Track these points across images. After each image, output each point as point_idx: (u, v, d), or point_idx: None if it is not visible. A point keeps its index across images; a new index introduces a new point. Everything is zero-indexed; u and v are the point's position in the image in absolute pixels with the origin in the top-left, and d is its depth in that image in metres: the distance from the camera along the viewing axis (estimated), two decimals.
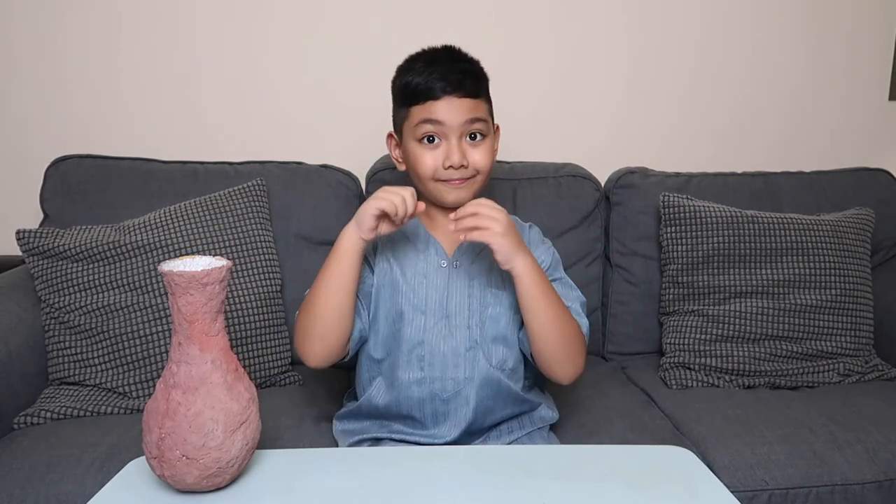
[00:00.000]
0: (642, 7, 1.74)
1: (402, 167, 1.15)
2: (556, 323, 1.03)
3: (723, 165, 1.72)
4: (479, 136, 1.08)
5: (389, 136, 1.17)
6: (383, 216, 0.99)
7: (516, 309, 1.12)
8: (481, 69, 1.12)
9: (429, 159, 1.07)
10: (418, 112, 1.06)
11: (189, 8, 1.63)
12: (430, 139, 1.07)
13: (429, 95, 1.05)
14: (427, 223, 1.16)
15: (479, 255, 1.13)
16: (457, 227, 0.98)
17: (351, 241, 1.00)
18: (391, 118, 1.15)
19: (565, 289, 1.13)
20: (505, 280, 1.12)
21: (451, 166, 1.06)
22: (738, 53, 1.79)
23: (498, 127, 1.16)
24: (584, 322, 1.10)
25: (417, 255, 1.12)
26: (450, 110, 1.05)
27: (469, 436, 1.09)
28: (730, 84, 1.80)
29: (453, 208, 1.03)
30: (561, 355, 1.05)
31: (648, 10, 1.74)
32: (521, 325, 1.11)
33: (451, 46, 1.12)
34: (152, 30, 1.63)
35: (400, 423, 1.10)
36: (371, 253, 1.12)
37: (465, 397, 1.06)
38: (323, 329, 1.02)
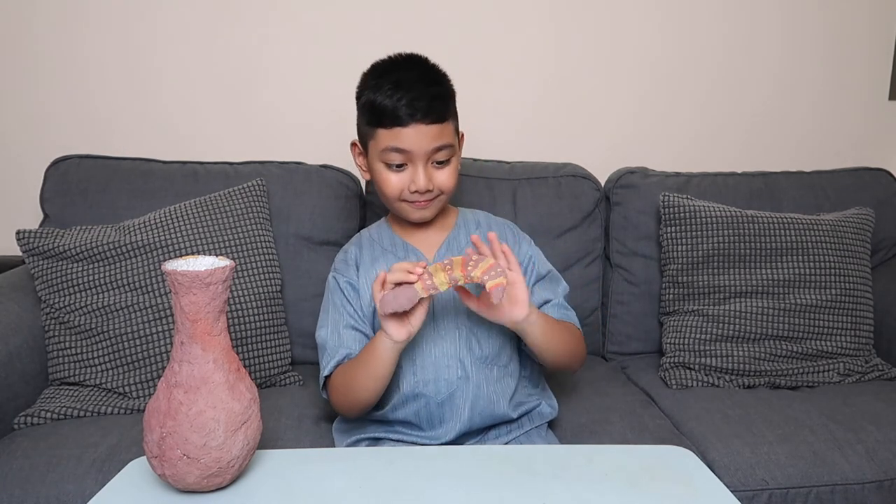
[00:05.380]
0: (642, 9, 1.74)
1: (367, 176, 1.15)
2: (566, 348, 1.09)
3: (723, 165, 1.72)
4: (444, 161, 1.08)
5: (353, 144, 1.16)
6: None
7: None
8: (449, 88, 1.11)
9: (395, 181, 1.08)
10: (385, 137, 1.05)
11: (189, 8, 1.63)
12: (398, 164, 1.07)
13: (396, 121, 1.04)
14: (400, 232, 1.17)
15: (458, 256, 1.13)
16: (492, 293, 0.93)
17: (384, 346, 0.99)
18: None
19: (553, 283, 1.16)
20: None
21: (416, 191, 1.07)
22: (737, 55, 1.79)
23: (462, 135, 1.16)
24: (573, 315, 1.14)
25: (398, 262, 1.12)
26: (418, 138, 1.04)
27: (467, 435, 1.09)
28: (730, 85, 1.80)
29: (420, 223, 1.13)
30: (574, 365, 1.16)
31: (648, 11, 1.74)
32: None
33: (418, 61, 1.10)
34: (152, 30, 1.63)
35: (398, 425, 1.10)
36: (355, 273, 1.13)
37: (460, 398, 1.07)
38: (364, 408, 1.07)
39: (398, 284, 0.93)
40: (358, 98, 1.11)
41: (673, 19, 1.76)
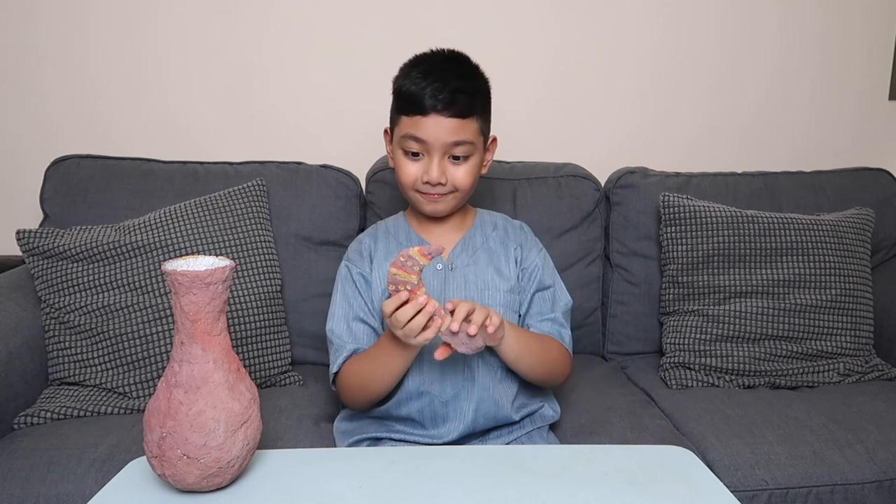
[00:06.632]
0: (642, 8, 1.74)
1: (392, 164, 1.16)
2: (541, 366, 1.09)
3: (723, 165, 1.72)
4: (461, 158, 1.08)
5: (386, 131, 1.17)
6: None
7: (514, 309, 1.12)
8: (480, 86, 1.10)
9: (410, 170, 1.09)
10: (406, 124, 1.07)
11: (189, 8, 1.63)
12: (414, 153, 1.08)
13: (418, 109, 1.05)
14: (417, 227, 1.17)
15: (473, 257, 1.13)
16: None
17: (406, 355, 1.00)
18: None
19: (554, 297, 1.16)
20: (500, 280, 1.12)
21: (428, 182, 1.07)
22: (737, 55, 1.79)
23: (494, 139, 1.16)
24: (566, 333, 1.14)
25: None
26: (436, 129, 1.05)
27: (469, 436, 1.09)
28: (729, 85, 1.80)
29: (438, 217, 1.13)
30: (550, 381, 1.15)
31: (648, 11, 1.74)
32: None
33: (456, 56, 1.11)
34: (152, 30, 1.63)
35: (400, 423, 1.10)
36: (368, 265, 1.14)
37: (465, 399, 1.07)
38: (375, 401, 1.09)
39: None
40: (393, 84, 1.12)
41: (673, 19, 1.76)
